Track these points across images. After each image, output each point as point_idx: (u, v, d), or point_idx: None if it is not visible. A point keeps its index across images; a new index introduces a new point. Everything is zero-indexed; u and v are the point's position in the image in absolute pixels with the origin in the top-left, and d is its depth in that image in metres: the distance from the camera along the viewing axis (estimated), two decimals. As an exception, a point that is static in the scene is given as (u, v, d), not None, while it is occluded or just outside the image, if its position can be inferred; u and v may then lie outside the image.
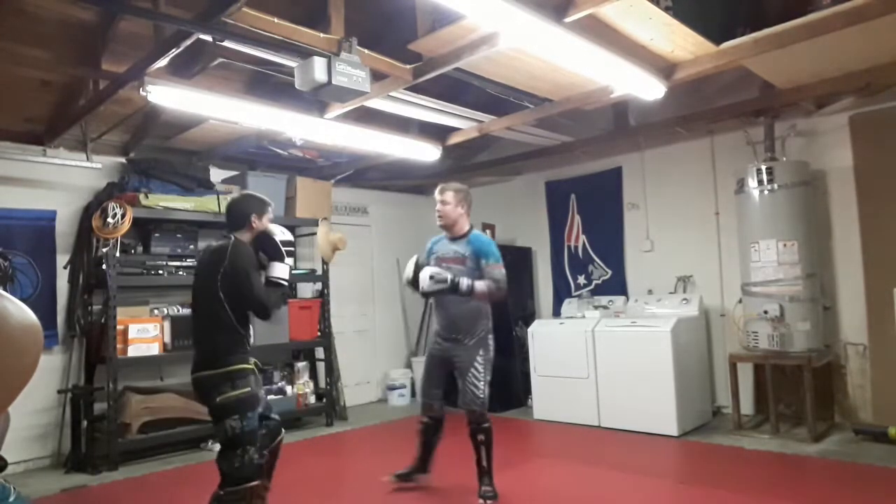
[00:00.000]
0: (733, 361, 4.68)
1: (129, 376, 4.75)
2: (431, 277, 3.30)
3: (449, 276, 3.29)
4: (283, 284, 2.74)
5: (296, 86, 3.14)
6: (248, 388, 2.60)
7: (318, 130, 4.45)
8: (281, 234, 2.79)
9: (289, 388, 5.45)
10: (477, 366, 3.40)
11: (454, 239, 3.49)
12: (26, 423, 4.42)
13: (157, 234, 4.95)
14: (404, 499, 3.62)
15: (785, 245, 4.42)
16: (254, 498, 2.60)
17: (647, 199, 5.74)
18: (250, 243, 2.74)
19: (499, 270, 3.36)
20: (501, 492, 3.46)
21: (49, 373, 4.60)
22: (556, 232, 6.38)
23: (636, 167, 5.79)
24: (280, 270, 2.73)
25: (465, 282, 3.29)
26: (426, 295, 3.41)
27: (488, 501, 3.35)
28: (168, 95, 3.51)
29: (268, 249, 2.74)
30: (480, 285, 3.31)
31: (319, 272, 5.84)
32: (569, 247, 6.30)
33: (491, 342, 3.47)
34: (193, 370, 2.66)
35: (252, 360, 2.73)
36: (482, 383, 3.40)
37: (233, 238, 2.71)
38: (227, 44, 3.20)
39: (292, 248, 2.81)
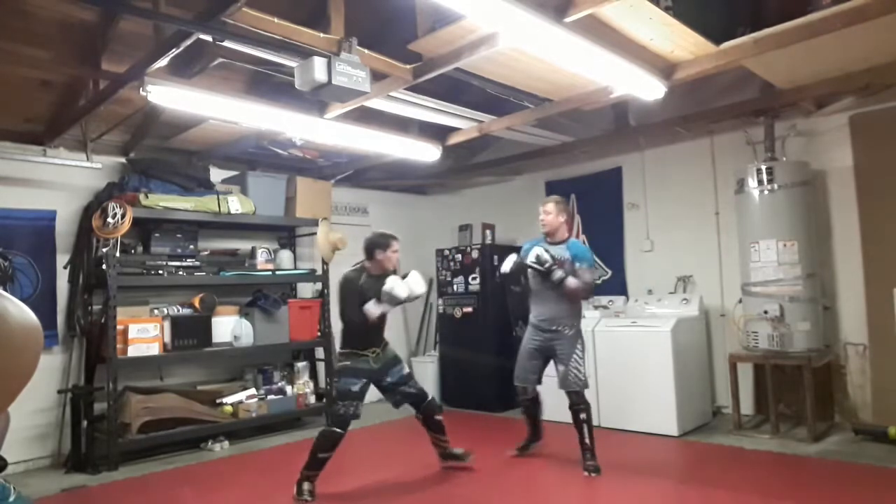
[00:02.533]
0: (733, 361, 4.68)
1: (129, 376, 4.75)
2: (538, 257, 3.82)
3: (549, 260, 3.81)
4: (366, 314, 3.57)
5: (296, 86, 3.13)
6: (348, 363, 3.68)
7: (318, 130, 4.45)
8: (390, 287, 3.54)
9: (289, 388, 5.45)
10: (577, 352, 3.88)
11: (554, 244, 3.99)
12: (26, 423, 4.43)
13: (157, 234, 4.95)
14: (406, 498, 3.62)
15: (785, 245, 4.42)
16: (335, 443, 3.54)
17: (647, 199, 5.74)
18: (379, 272, 3.68)
19: (590, 274, 3.93)
20: (501, 491, 3.45)
21: (49, 373, 4.60)
22: (556, 232, 6.37)
23: (636, 167, 5.79)
24: (369, 306, 3.57)
25: (558, 272, 3.80)
26: (522, 269, 3.95)
27: (592, 474, 3.76)
28: (168, 95, 3.51)
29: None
30: (572, 281, 3.81)
31: (319, 272, 5.85)
32: (569, 247, 6.29)
33: (582, 334, 3.97)
34: None
35: (367, 350, 3.70)
36: (583, 367, 3.88)
37: (359, 265, 3.77)
38: (227, 44, 3.20)
39: (398, 298, 3.55)
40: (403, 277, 3.68)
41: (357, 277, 3.70)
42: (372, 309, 3.57)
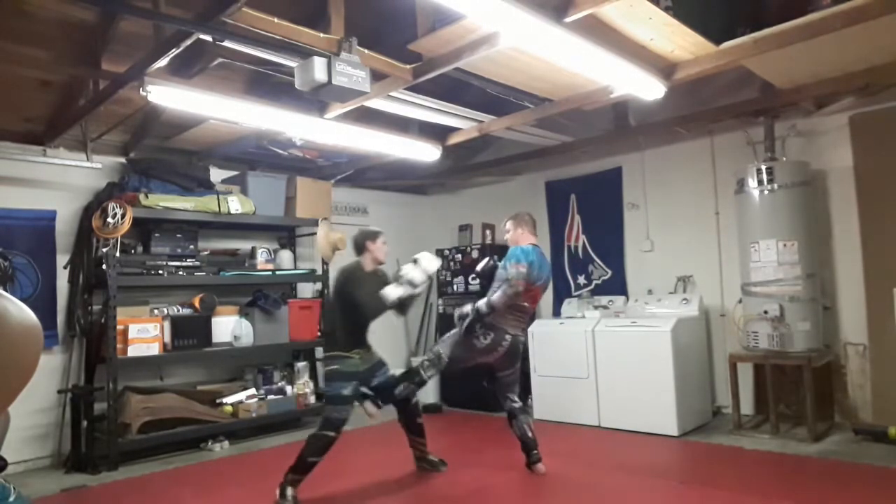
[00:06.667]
0: (733, 361, 4.68)
1: (129, 376, 4.75)
2: (460, 318, 3.91)
3: (469, 309, 3.82)
4: (386, 299, 3.60)
5: (296, 86, 3.13)
6: (336, 367, 3.63)
7: (318, 130, 4.44)
8: (407, 272, 3.68)
9: (289, 388, 5.45)
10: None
11: None
12: (26, 423, 4.42)
13: (157, 234, 4.95)
14: (403, 496, 3.62)
15: (785, 245, 4.42)
16: (328, 445, 3.52)
17: (647, 199, 5.74)
18: (373, 266, 3.80)
19: (512, 269, 3.68)
20: (501, 491, 3.44)
21: (49, 373, 4.60)
22: (556, 232, 6.38)
23: (636, 167, 5.79)
24: (388, 291, 3.62)
25: (482, 305, 3.73)
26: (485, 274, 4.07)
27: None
28: (168, 95, 3.51)
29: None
30: (495, 297, 3.70)
31: (319, 272, 5.85)
32: (569, 247, 6.30)
33: (476, 330, 3.78)
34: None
35: (355, 350, 3.69)
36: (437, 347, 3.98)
37: (353, 261, 3.80)
38: (227, 44, 3.20)
39: (412, 287, 3.66)
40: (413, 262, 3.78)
41: (358, 268, 3.77)
42: (391, 292, 3.61)
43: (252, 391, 5.26)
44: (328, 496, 3.61)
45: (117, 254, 4.57)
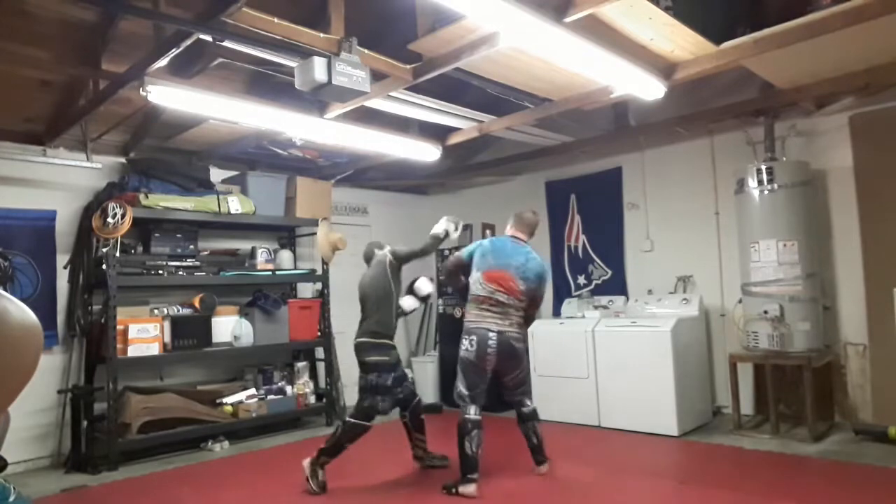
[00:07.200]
0: (733, 361, 4.68)
1: (129, 376, 4.75)
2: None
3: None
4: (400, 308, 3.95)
5: (296, 86, 3.14)
6: (387, 359, 3.73)
7: (318, 130, 4.45)
8: (420, 284, 4.16)
9: (289, 388, 5.45)
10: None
11: None
12: (26, 423, 4.42)
13: (157, 234, 4.95)
14: (403, 496, 3.62)
15: (785, 245, 4.42)
16: (360, 434, 3.67)
17: (647, 199, 5.74)
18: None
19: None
20: (501, 490, 3.44)
21: (49, 373, 4.60)
22: (556, 232, 6.38)
23: (636, 167, 5.79)
24: (404, 302, 4.01)
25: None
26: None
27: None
28: (168, 95, 3.51)
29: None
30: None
31: (319, 272, 5.85)
32: (569, 247, 6.30)
33: (462, 343, 3.74)
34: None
35: (393, 340, 3.85)
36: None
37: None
38: (227, 44, 3.20)
39: (421, 297, 4.14)
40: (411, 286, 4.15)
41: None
42: (405, 302, 4.00)
43: (252, 391, 5.26)
44: (329, 495, 3.61)
45: (117, 254, 4.57)
